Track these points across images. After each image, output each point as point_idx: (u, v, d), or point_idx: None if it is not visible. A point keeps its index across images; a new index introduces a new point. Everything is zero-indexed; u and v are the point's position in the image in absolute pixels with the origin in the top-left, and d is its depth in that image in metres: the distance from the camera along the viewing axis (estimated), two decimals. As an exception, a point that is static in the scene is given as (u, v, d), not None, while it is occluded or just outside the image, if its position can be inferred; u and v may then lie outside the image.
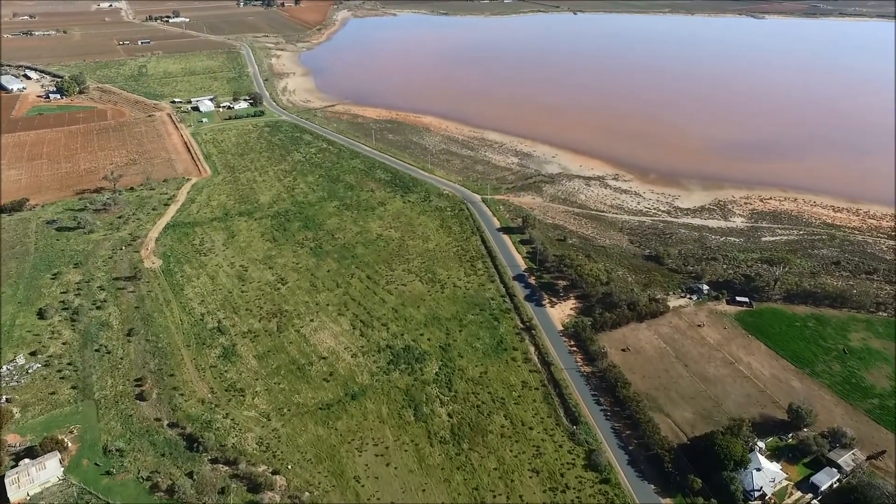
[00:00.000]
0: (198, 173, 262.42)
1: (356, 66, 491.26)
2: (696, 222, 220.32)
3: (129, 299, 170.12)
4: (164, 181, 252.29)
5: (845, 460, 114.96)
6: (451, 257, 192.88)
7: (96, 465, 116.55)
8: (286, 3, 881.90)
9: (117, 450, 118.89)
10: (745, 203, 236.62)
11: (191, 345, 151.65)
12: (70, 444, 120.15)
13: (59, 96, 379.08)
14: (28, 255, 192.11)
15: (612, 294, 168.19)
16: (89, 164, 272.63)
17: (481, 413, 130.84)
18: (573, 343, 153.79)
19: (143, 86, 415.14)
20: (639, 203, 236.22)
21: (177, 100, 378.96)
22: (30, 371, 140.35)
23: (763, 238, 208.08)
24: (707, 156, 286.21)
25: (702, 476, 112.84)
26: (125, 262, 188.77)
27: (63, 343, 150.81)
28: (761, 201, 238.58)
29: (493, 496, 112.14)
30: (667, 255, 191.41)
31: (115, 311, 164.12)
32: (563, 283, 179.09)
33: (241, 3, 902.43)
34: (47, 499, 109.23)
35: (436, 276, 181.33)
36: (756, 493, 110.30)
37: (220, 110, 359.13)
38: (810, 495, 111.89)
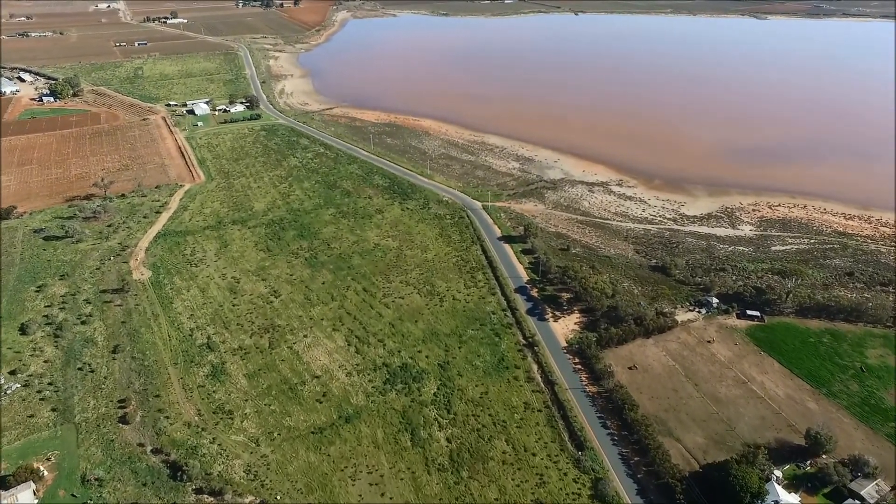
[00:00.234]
0: (191, 179, 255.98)
1: (355, 68, 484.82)
2: (704, 230, 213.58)
3: (116, 313, 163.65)
4: (156, 187, 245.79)
5: (869, 492, 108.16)
6: (450, 268, 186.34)
7: (73, 496, 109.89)
8: (285, 4, 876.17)
9: (96, 479, 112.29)
10: (753, 210, 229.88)
11: (178, 363, 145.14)
12: (46, 473, 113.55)
13: (52, 99, 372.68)
14: (13, 266, 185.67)
15: (617, 308, 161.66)
16: (80, 169, 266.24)
17: (482, 438, 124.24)
18: (578, 360, 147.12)
19: (138, 88, 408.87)
20: (643, 210, 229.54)
21: (172, 102, 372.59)
22: (8, 391, 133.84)
23: (773, 247, 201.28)
24: (712, 160, 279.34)
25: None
26: (113, 274, 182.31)
27: (45, 361, 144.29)
28: (770, 208, 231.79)
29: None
30: (674, 266, 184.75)
31: (100, 327, 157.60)
32: (566, 296, 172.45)
33: (240, 4, 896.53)
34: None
35: (434, 289, 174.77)
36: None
37: (216, 113, 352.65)
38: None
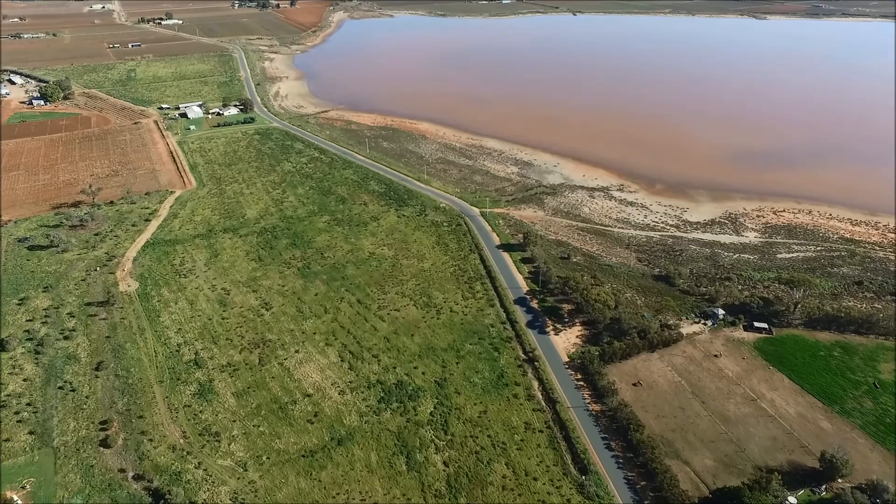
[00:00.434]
0: (182, 185, 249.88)
1: (351, 70, 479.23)
2: (707, 237, 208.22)
3: (101, 327, 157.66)
4: (146, 194, 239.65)
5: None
6: (447, 278, 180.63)
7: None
8: (281, 5, 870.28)
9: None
10: (758, 216, 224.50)
11: (164, 380, 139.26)
12: (20, 502, 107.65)
13: (42, 102, 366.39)
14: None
15: (620, 320, 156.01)
16: (69, 175, 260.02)
17: (480, 461, 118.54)
18: (580, 377, 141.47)
19: (130, 91, 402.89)
20: (646, 216, 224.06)
21: (164, 106, 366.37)
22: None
23: (779, 255, 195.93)
24: (714, 163, 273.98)
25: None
26: (99, 286, 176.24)
27: (24, 380, 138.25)
28: (774, 214, 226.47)
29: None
30: (678, 275, 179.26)
31: (83, 342, 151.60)
32: (567, 307, 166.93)
33: (236, 5, 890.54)
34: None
35: (431, 300, 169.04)
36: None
37: (209, 117, 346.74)
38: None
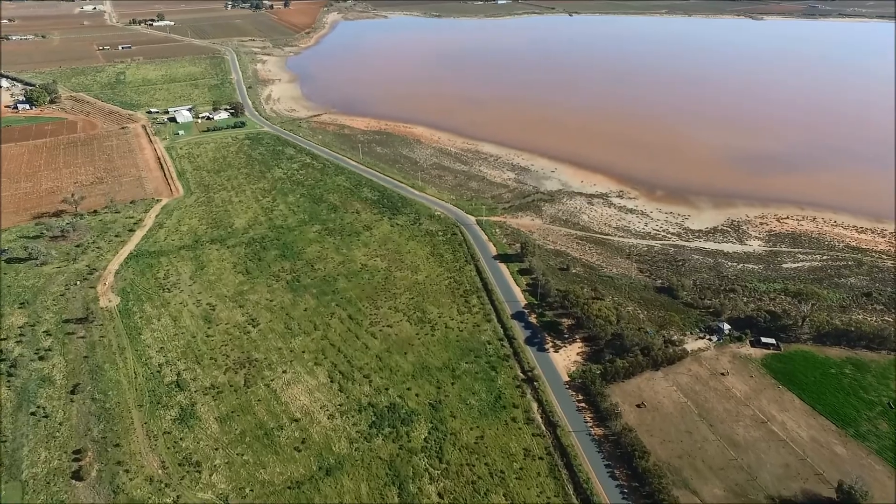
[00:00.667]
0: (169, 193, 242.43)
1: (345, 72, 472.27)
2: (710, 246, 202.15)
3: (79, 347, 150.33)
4: (131, 203, 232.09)
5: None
6: (442, 291, 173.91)
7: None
8: (275, 6, 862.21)
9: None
10: (761, 223, 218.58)
11: (143, 404, 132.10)
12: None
13: (28, 107, 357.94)
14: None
15: (623, 336, 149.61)
16: (52, 183, 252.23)
17: (477, 492, 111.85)
18: (581, 397, 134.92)
19: (119, 94, 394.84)
20: (646, 224, 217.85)
21: (153, 110, 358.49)
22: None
23: (784, 264, 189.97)
24: (715, 168, 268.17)
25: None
26: (78, 301, 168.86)
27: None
28: (778, 221, 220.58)
29: None
30: (681, 287, 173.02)
31: (59, 363, 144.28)
32: (567, 322, 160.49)
33: (229, 6, 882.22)
34: None
35: (426, 315, 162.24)
36: None
37: (199, 121, 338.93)
38: None
